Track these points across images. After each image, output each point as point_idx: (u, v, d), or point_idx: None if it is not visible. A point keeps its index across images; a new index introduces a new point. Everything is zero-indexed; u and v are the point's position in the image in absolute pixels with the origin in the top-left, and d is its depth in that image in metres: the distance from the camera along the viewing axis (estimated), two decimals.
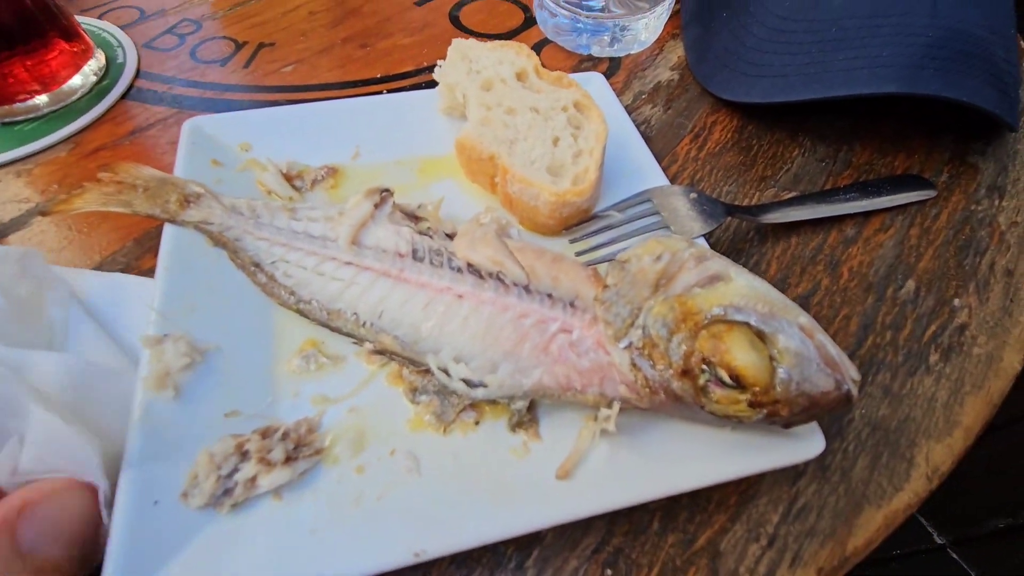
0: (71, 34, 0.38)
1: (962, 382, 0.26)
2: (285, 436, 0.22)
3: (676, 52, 0.43)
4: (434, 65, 0.41)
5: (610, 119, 0.32)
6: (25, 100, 0.36)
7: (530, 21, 0.46)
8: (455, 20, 0.46)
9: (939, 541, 0.77)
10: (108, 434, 0.21)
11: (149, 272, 0.29)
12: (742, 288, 0.21)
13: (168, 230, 0.27)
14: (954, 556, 0.76)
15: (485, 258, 0.24)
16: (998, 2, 0.35)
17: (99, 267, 0.29)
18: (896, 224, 0.32)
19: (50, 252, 0.30)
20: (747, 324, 0.20)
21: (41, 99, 0.36)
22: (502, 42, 0.31)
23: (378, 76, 0.41)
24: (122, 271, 0.29)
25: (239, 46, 0.43)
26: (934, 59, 0.31)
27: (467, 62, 0.31)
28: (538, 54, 0.43)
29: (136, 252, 0.30)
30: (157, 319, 0.24)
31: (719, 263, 0.22)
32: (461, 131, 0.29)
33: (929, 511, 0.78)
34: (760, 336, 0.20)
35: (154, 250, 0.30)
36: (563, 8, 0.41)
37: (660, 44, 0.44)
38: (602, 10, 0.41)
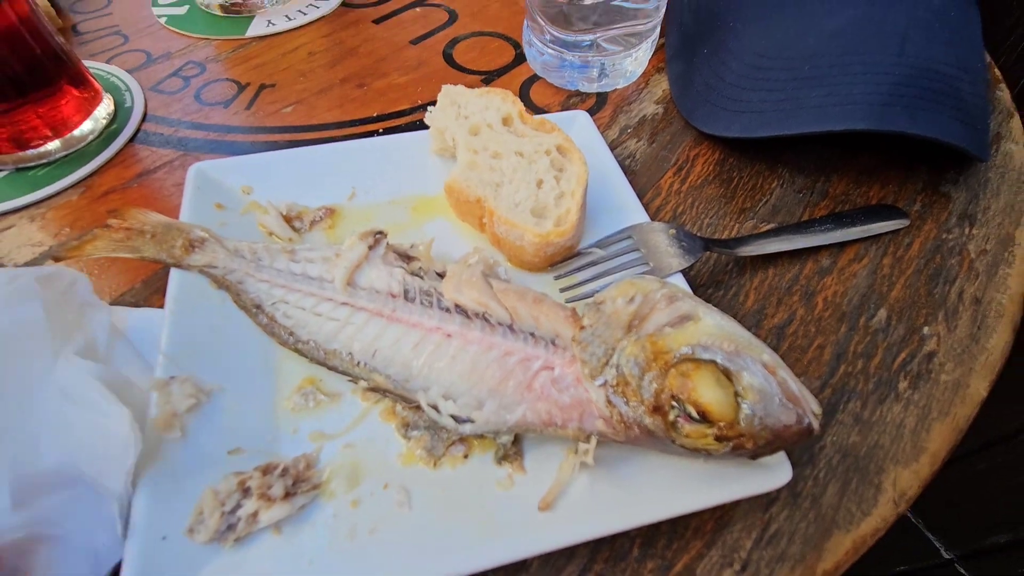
0: (80, 80, 0.40)
1: (929, 409, 0.27)
2: (284, 472, 0.23)
3: (661, 86, 0.45)
4: (428, 103, 0.43)
5: (594, 156, 0.34)
6: (38, 146, 0.38)
7: (520, 57, 0.48)
8: (448, 58, 0.48)
9: (947, 556, 0.78)
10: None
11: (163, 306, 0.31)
12: (710, 327, 0.23)
13: (174, 274, 0.29)
14: (962, 571, 0.76)
15: (471, 300, 0.26)
16: (965, 39, 0.37)
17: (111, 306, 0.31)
18: (870, 254, 0.34)
19: None
20: (714, 362, 0.22)
21: (53, 145, 0.38)
22: (488, 89, 0.33)
23: (374, 115, 0.43)
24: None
25: (241, 88, 0.45)
26: (902, 96, 0.33)
27: (456, 107, 0.33)
28: (528, 90, 0.45)
29: (144, 293, 0.32)
30: (164, 361, 0.26)
31: (688, 304, 0.24)
32: (450, 175, 0.31)
33: (937, 526, 0.79)
34: (726, 374, 0.22)
35: (161, 291, 0.31)
36: (549, 48, 0.43)
37: (646, 78, 0.46)
38: (592, 47, 0.42)
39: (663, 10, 0.42)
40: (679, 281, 0.29)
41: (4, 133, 0.37)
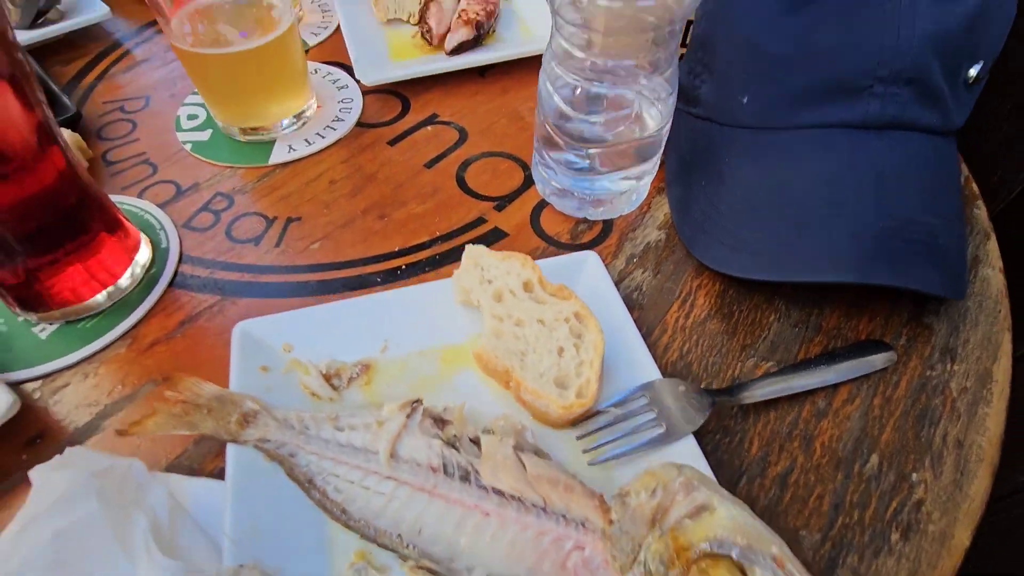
0: (117, 226, 0.43)
1: (919, 562, 0.30)
2: None
3: (662, 209, 0.48)
4: (446, 235, 0.46)
5: (605, 307, 0.37)
6: (85, 299, 0.41)
7: (529, 180, 0.51)
8: (461, 182, 0.51)
9: None
10: None
11: (213, 473, 0.33)
12: (724, 519, 0.26)
13: (231, 450, 0.31)
14: None
15: (507, 486, 0.28)
16: (941, 179, 0.41)
17: (167, 471, 0.34)
18: (861, 394, 0.37)
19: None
20: (730, 557, 0.25)
21: (100, 296, 0.41)
22: (509, 253, 0.36)
23: (396, 250, 0.46)
24: (189, 474, 0.33)
25: (269, 222, 0.47)
26: (884, 250, 0.36)
27: (479, 269, 0.36)
28: (539, 215, 0.48)
29: (198, 455, 0.34)
30: (230, 546, 0.28)
31: (704, 493, 0.26)
32: (479, 344, 0.34)
33: None
34: (741, 568, 0.24)
35: (212, 452, 0.34)
36: (555, 179, 0.46)
37: (648, 200, 0.49)
38: (589, 170, 0.46)
39: (664, 145, 0.46)
40: (691, 443, 0.32)
41: (51, 288, 0.39)
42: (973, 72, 0.40)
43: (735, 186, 0.42)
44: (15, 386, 0.37)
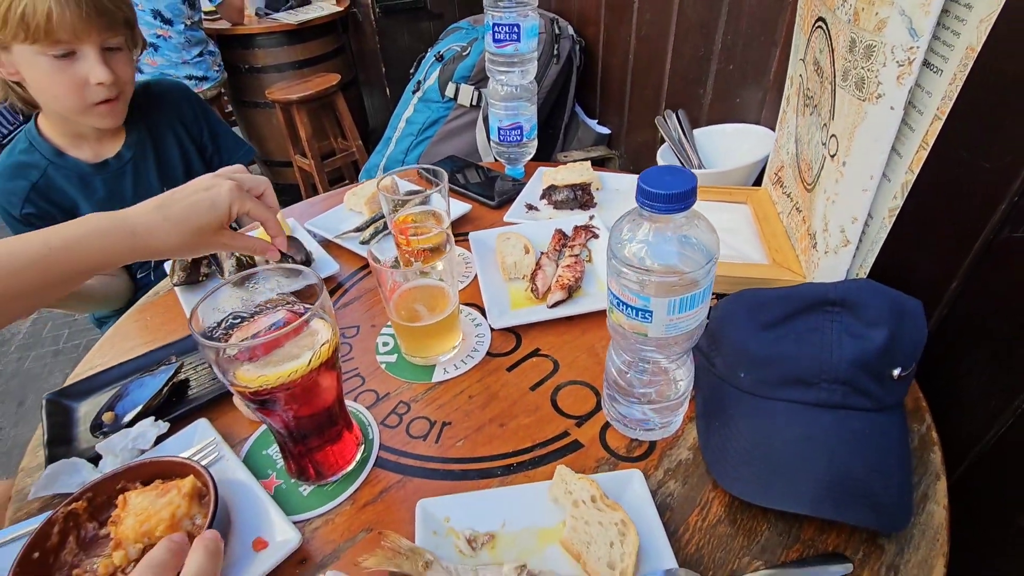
0: (350, 424, 0.72)
1: None
2: None
3: (692, 434, 0.70)
4: (542, 443, 0.70)
5: (643, 517, 0.58)
6: (329, 476, 0.68)
7: (599, 405, 0.75)
8: (554, 403, 0.76)
9: None
10: None
11: None
12: None
13: None
14: None
15: None
16: (881, 447, 0.59)
17: None
18: None
19: None
20: None
21: (339, 474, 0.69)
22: (581, 476, 0.60)
23: (510, 451, 0.70)
24: None
25: (431, 424, 0.75)
26: (832, 493, 0.55)
27: (564, 484, 0.59)
28: (605, 433, 0.71)
29: None
30: None
31: None
32: (564, 534, 0.56)
33: None
34: None
35: None
36: (615, 410, 0.70)
37: (682, 428, 0.71)
38: (638, 407, 0.69)
39: (689, 394, 0.69)
40: None
41: (312, 465, 0.68)
42: (896, 372, 0.60)
43: (738, 433, 0.63)
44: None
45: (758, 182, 1.06)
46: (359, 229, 1.13)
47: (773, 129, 0.99)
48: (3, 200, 1.16)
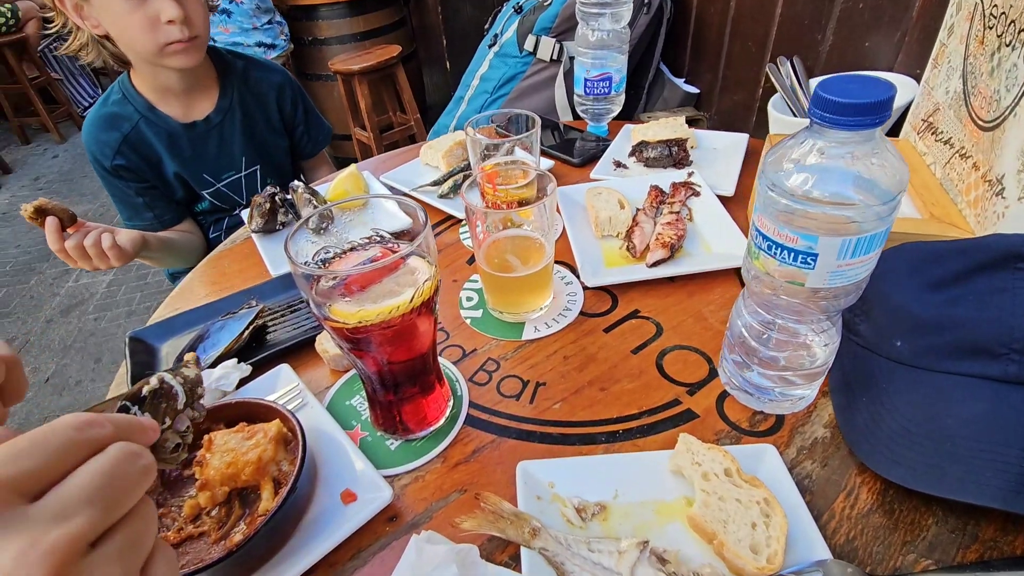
0: (441, 377, 0.66)
1: None
2: None
3: (827, 410, 0.61)
4: (650, 410, 0.63)
5: (783, 489, 0.50)
6: (417, 431, 0.63)
7: (713, 372, 0.67)
8: (660, 367, 0.68)
9: None
10: None
11: (503, 563, 0.50)
12: None
13: (524, 552, 0.49)
14: None
15: None
16: None
17: None
18: None
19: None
20: None
21: (428, 429, 0.64)
22: (712, 445, 0.52)
23: (614, 416, 0.63)
24: (487, 560, 0.51)
25: (524, 384, 0.69)
26: None
27: (691, 455, 0.52)
28: (722, 403, 0.63)
29: (491, 549, 0.52)
30: None
31: None
32: (692, 510, 0.48)
33: None
34: None
35: (500, 549, 0.51)
36: (738, 378, 0.62)
37: (815, 402, 0.62)
38: (774, 381, 0.60)
39: (833, 356, 0.59)
40: None
41: (405, 417, 0.63)
42: None
43: (894, 410, 0.54)
44: None
45: (891, 133, 0.93)
46: (436, 183, 1.07)
47: (911, 75, 0.86)
48: (96, 151, 1.17)
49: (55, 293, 2.89)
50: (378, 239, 0.58)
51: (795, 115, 0.95)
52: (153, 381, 0.39)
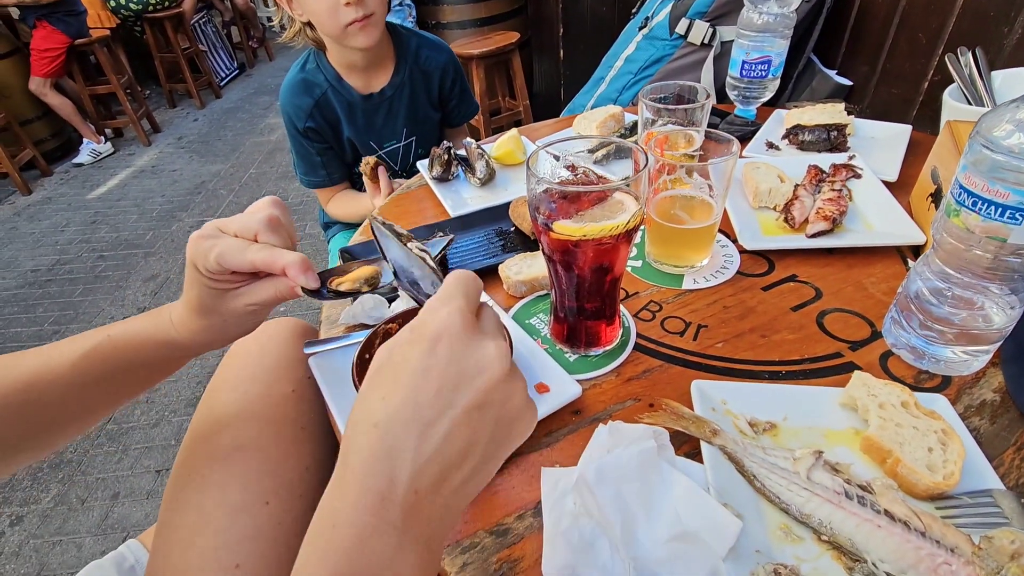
0: (617, 305, 0.75)
1: None
2: (787, 570, 0.46)
3: (996, 378, 0.63)
4: (812, 358, 0.68)
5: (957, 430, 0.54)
6: (594, 348, 0.73)
7: (876, 334, 0.71)
8: (821, 325, 0.73)
9: None
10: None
11: (687, 455, 0.58)
12: None
13: (705, 447, 0.56)
14: None
15: (899, 512, 0.47)
16: None
17: None
18: None
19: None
20: None
21: (603, 348, 0.73)
22: (888, 381, 0.57)
23: (776, 359, 0.69)
24: None
25: (687, 324, 0.76)
26: None
27: (866, 388, 0.57)
28: (886, 361, 0.67)
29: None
30: (712, 492, 0.52)
31: None
32: (868, 432, 0.54)
33: None
34: None
35: (680, 443, 0.59)
36: (904, 340, 0.65)
37: (984, 369, 0.64)
38: (937, 339, 0.63)
39: (1013, 323, 0.61)
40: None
41: (581, 336, 0.72)
42: None
43: None
44: None
45: None
46: (591, 151, 1.16)
47: None
48: (292, 113, 1.37)
49: None
50: (586, 175, 0.67)
51: (971, 103, 0.94)
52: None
